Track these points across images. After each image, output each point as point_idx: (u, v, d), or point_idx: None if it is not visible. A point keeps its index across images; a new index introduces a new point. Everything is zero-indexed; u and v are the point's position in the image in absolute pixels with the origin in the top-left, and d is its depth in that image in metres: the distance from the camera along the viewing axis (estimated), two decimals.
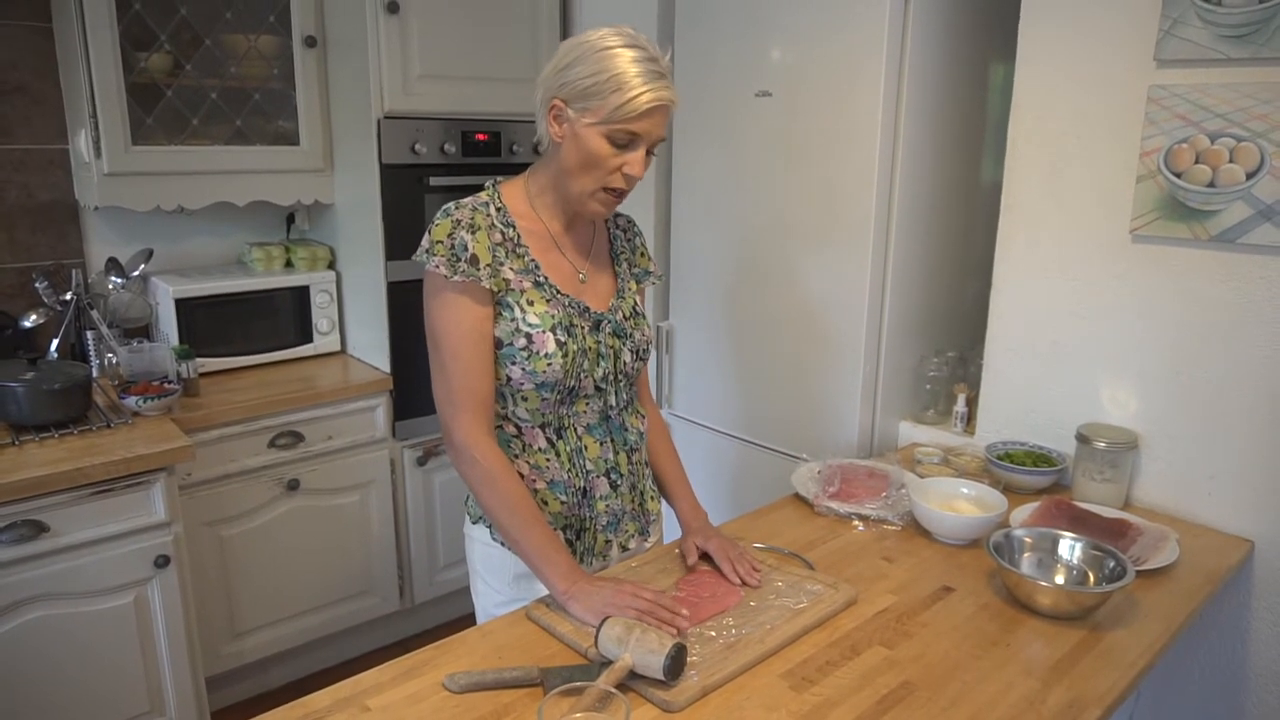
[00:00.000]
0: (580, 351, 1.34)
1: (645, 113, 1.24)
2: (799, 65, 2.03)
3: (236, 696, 2.46)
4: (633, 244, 1.51)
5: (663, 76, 1.25)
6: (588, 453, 1.40)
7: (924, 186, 2.03)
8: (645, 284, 1.52)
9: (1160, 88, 1.61)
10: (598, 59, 1.24)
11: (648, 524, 1.53)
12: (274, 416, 2.33)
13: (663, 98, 1.24)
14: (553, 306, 1.33)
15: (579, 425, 1.40)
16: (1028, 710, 1.13)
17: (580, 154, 1.27)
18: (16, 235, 2.40)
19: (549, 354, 1.31)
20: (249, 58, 2.48)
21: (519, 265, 1.33)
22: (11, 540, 1.82)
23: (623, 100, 1.22)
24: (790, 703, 1.13)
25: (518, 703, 1.11)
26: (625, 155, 1.27)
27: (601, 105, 1.23)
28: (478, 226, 1.30)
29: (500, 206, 1.35)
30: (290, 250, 2.72)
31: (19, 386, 1.98)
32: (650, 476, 1.55)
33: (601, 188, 1.30)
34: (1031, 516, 1.61)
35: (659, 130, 1.27)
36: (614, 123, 1.24)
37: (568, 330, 1.33)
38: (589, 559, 1.44)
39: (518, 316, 1.31)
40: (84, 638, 1.94)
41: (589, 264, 1.42)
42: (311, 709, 1.10)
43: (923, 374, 2.11)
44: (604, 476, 1.42)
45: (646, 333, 1.45)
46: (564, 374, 1.33)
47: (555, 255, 1.38)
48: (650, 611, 1.21)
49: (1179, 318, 1.66)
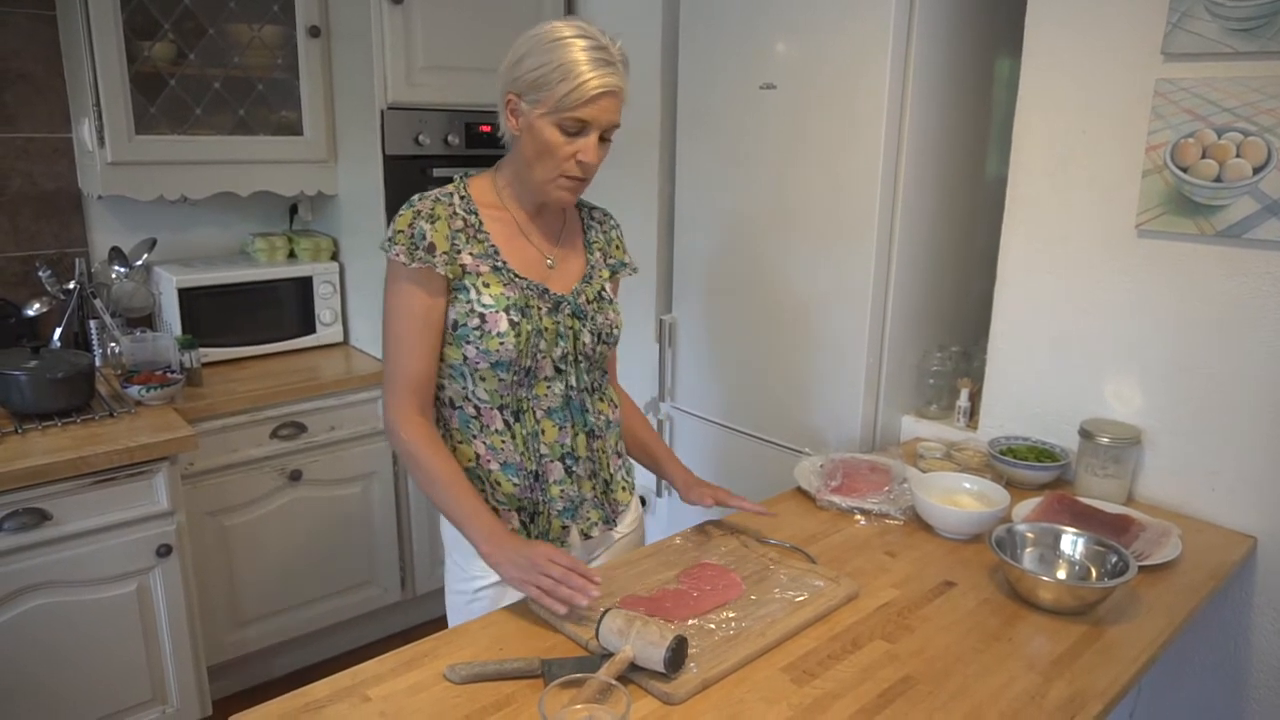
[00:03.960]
0: (536, 332, 1.37)
1: (592, 99, 1.27)
2: (804, 58, 2.02)
3: (239, 685, 2.47)
4: (608, 235, 1.54)
5: (610, 64, 1.28)
6: (544, 437, 1.42)
7: (929, 180, 2.02)
8: (621, 275, 1.55)
9: (1167, 81, 1.60)
10: (546, 50, 1.27)
11: (615, 514, 1.53)
12: (277, 407, 2.33)
13: (609, 84, 1.28)
14: (509, 289, 1.37)
15: (539, 409, 1.42)
16: (1029, 704, 1.13)
17: (535, 144, 1.31)
18: (20, 223, 2.40)
19: (501, 334, 1.34)
20: (252, 47, 2.47)
21: (478, 250, 1.37)
22: (14, 528, 1.82)
23: (570, 89, 1.26)
24: (791, 696, 1.13)
25: (519, 694, 1.11)
26: (578, 142, 1.30)
27: (550, 95, 1.27)
28: (437, 216, 1.35)
29: (465, 196, 1.39)
30: (293, 241, 2.72)
31: (22, 375, 1.98)
32: (624, 467, 1.56)
33: (560, 175, 1.33)
34: (1034, 512, 1.61)
35: (609, 116, 1.30)
36: (563, 111, 1.27)
37: (522, 311, 1.36)
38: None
39: (473, 298, 1.35)
40: (86, 626, 1.94)
41: (558, 250, 1.45)
42: (312, 699, 1.10)
43: (926, 368, 2.11)
44: (559, 461, 1.44)
45: (611, 317, 1.47)
46: (518, 354, 1.36)
47: (521, 242, 1.42)
48: (551, 590, 1.22)
49: (1184, 313, 1.65)
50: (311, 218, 2.85)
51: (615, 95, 1.30)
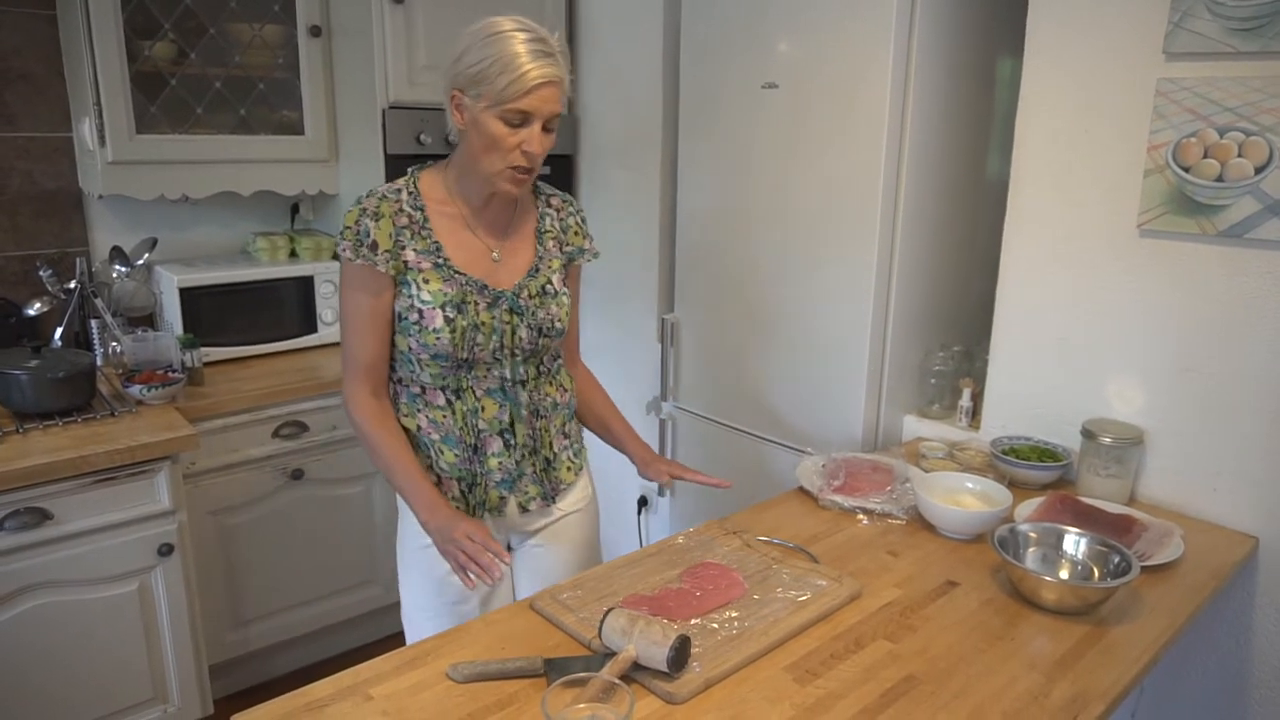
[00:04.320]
0: (472, 327, 1.42)
1: (532, 90, 1.30)
2: (805, 58, 2.02)
3: (240, 684, 2.47)
4: (564, 222, 1.56)
5: (548, 55, 1.31)
6: (484, 413, 1.48)
7: (931, 181, 2.02)
8: (580, 261, 1.58)
9: (1168, 81, 1.60)
10: (485, 44, 1.31)
11: (554, 490, 1.57)
12: (278, 406, 2.33)
13: (548, 74, 1.31)
14: (448, 285, 1.42)
15: (478, 389, 1.47)
16: (1031, 704, 1.13)
17: (481, 138, 1.35)
18: (20, 223, 2.39)
19: (436, 329, 1.40)
20: (253, 47, 2.47)
21: (421, 246, 1.42)
22: (15, 528, 1.82)
23: (509, 80, 1.29)
24: (794, 695, 1.13)
25: (521, 693, 1.11)
26: (521, 133, 1.33)
27: (491, 88, 1.30)
28: (381, 214, 1.40)
29: (414, 192, 1.44)
30: (295, 240, 2.72)
31: (23, 374, 1.98)
32: (571, 448, 1.60)
33: (506, 166, 1.36)
34: (1036, 512, 1.61)
35: (550, 106, 1.33)
36: (505, 103, 1.30)
37: (458, 307, 1.41)
38: (480, 511, 1.52)
39: (413, 294, 1.41)
40: (88, 625, 1.94)
41: (505, 243, 1.49)
42: (314, 698, 1.10)
43: (928, 368, 2.11)
44: (497, 436, 1.49)
45: (554, 310, 1.49)
46: (453, 347, 1.41)
47: (466, 236, 1.46)
48: (465, 565, 1.31)
49: (1186, 313, 1.65)
50: (313, 217, 2.84)
51: (555, 85, 1.33)
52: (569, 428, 1.61)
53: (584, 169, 2.83)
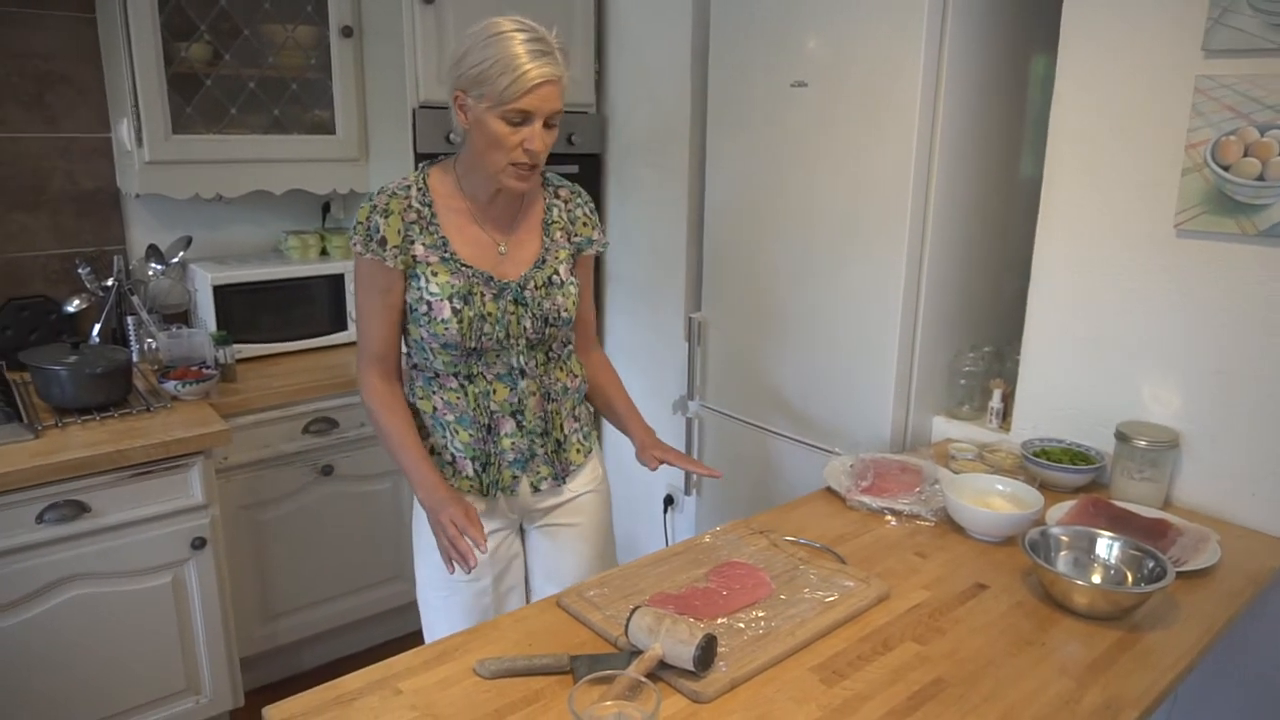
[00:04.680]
0: (479, 317, 1.47)
1: (532, 89, 1.34)
2: (835, 56, 2.01)
3: (270, 677, 2.50)
4: (572, 214, 1.59)
5: (547, 54, 1.35)
6: (495, 395, 1.53)
7: (962, 179, 2.00)
8: (589, 251, 1.61)
9: (1208, 78, 1.57)
10: (485, 46, 1.35)
11: (565, 471, 1.62)
12: (309, 403, 2.36)
13: (546, 74, 1.34)
14: (455, 277, 1.47)
15: (489, 374, 1.52)
16: (1062, 709, 1.11)
17: (484, 137, 1.39)
18: (61, 221, 2.44)
19: (444, 319, 1.46)
20: (287, 48, 2.50)
21: (429, 241, 1.47)
22: (55, 519, 1.86)
23: (510, 81, 1.33)
24: (820, 696, 1.13)
25: (548, 689, 1.12)
26: (523, 131, 1.37)
27: (492, 89, 1.34)
28: (390, 211, 1.46)
29: (423, 188, 1.49)
30: (325, 239, 2.75)
31: (62, 370, 2.02)
32: (581, 431, 1.65)
33: (509, 164, 1.40)
34: (1068, 515, 1.59)
35: (550, 104, 1.37)
36: (506, 103, 1.34)
37: (465, 299, 1.46)
38: (494, 490, 1.57)
39: (422, 286, 1.46)
40: (123, 616, 1.98)
41: (511, 235, 1.53)
42: (343, 691, 1.12)
43: (957, 369, 2.08)
44: (510, 417, 1.54)
45: (560, 301, 1.53)
46: (461, 337, 1.46)
47: (474, 230, 1.50)
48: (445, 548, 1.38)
49: (1224, 315, 1.62)
50: (344, 216, 2.87)
51: (554, 84, 1.36)
52: (579, 411, 1.65)
53: (612, 168, 2.84)
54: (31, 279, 2.42)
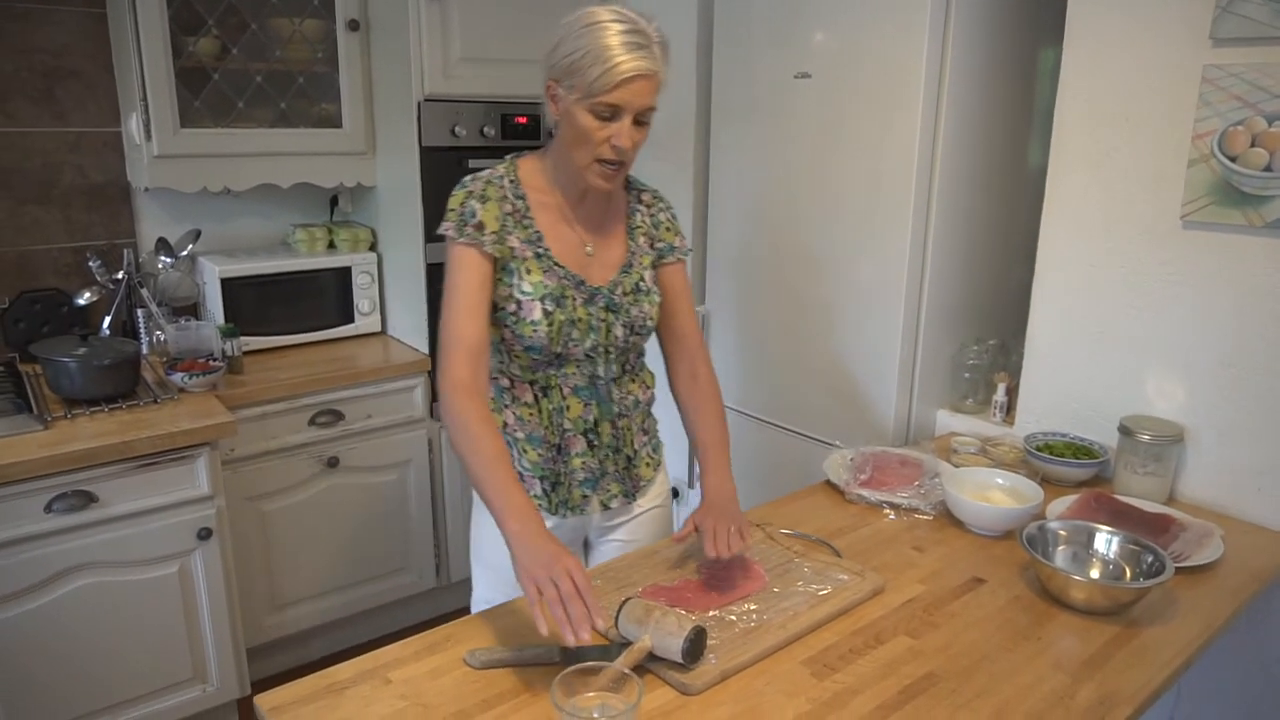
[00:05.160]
0: (569, 322, 1.40)
1: (622, 83, 1.27)
2: (839, 47, 1.99)
3: (276, 667, 2.52)
4: (655, 219, 1.53)
5: (643, 47, 1.27)
6: (569, 412, 1.46)
7: (967, 172, 1.98)
8: (670, 260, 1.53)
9: (1215, 67, 1.54)
10: (579, 35, 1.28)
11: (635, 488, 1.55)
12: (315, 395, 2.37)
13: (640, 68, 1.27)
14: (548, 277, 1.39)
15: (565, 386, 1.45)
16: (1056, 705, 1.10)
17: (572, 130, 1.32)
18: (72, 215, 2.47)
19: (534, 321, 1.38)
20: (293, 41, 2.51)
21: (524, 235, 1.40)
22: (63, 509, 1.88)
23: (600, 73, 1.26)
24: (810, 689, 1.12)
25: (537, 681, 1.12)
26: (610, 127, 1.30)
27: (583, 80, 1.27)
28: (488, 197, 1.39)
29: (514, 180, 1.42)
30: (333, 232, 2.76)
31: (71, 362, 2.04)
32: (650, 444, 1.59)
33: (595, 160, 1.33)
34: (1070, 509, 1.58)
35: (642, 99, 1.30)
36: (595, 96, 1.27)
37: (557, 301, 1.39)
38: (564, 510, 1.49)
39: (514, 284, 1.39)
40: (130, 606, 2.00)
41: (598, 237, 1.46)
42: (335, 680, 1.12)
43: (962, 362, 2.07)
44: (581, 435, 1.47)
45: (645, 309, 1.47)
46: (549, 341, 1.39)
47: (564, 228, 1.43)
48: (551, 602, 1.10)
49: (1231, 307, 1.60)
50: (351, 209, 2.89)
51: (648, 78, 1.29)
52: (648, 423, 1.58)
53: None
54: (43, 272, 2.45)
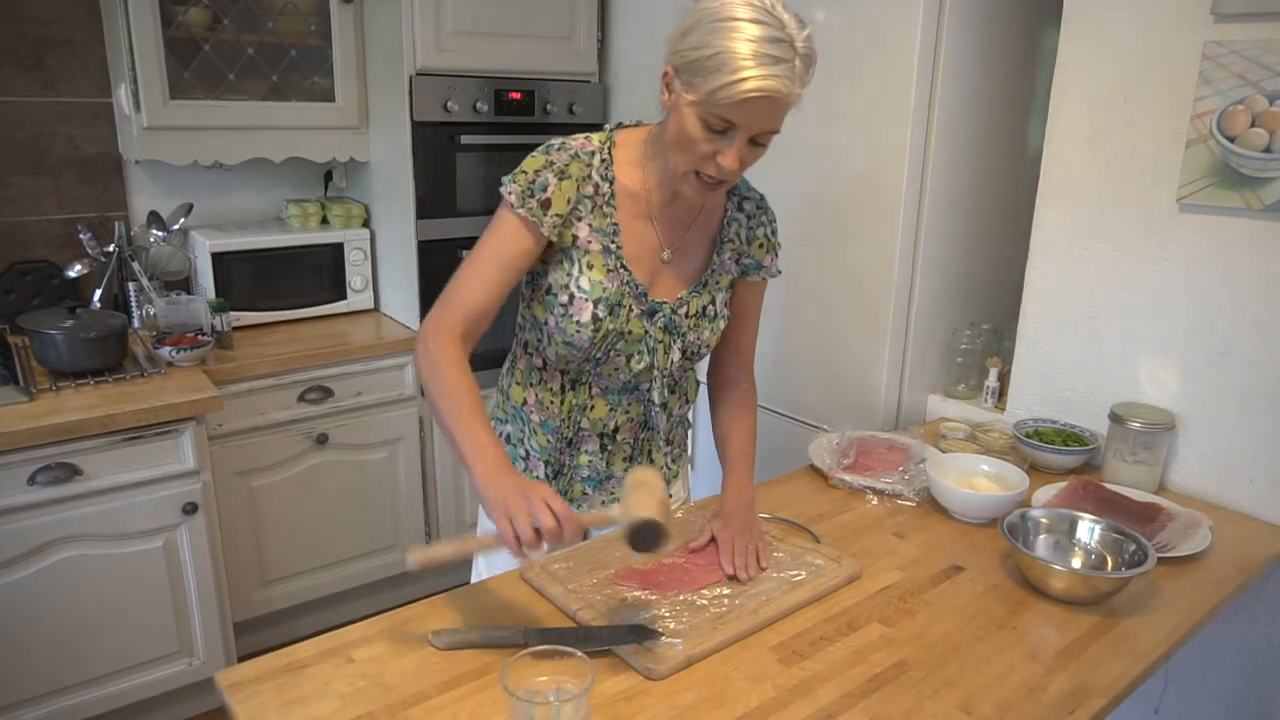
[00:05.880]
0: (617, 333, 1.29)
1: (744, 101, 1.09)
2: (833, 26, 1.95)
3: (266, 642, 2.53)
4: (751, 231, 1.39)
5: (781, 62, 1.08)
6: (591, 412, 1.38)
7: (963, 154, 1.93)
8: (754, 278, 1.41)
9: (1217, 44, 1.50)
10: (711, 29, 1.10)
11: None
12: (304, 371, 2.37)
13: (769, 88, 1.08)
14: (610, 279, 1.28)
15: (596, 385, 1.37)
16: (1026, 696, 1.08)
17: (678, 131, 1.17)
18: (63, 186, 2.45)
19: (581, 323, 1.28)
20: (286, 13, 2.48)
21: (598, 224, 1.28)
22: (46, 482, 1.88)
23: (721, 83, 1.09)
24: (778, 676, 1.10)
25: (500, 662, 1.10)
26: (719, 143, 1.15)
27: (703, 84, 1.11)
28: (568, 175, 1.25)
29: (606, 158, 1.28)
30: (326, 207, 2.74)
31: (58, 334, 2.03)
32: (671, 454, 1.49)
33: (694, 171, 1.19)
34: (1056, 497, 1.55)
35: (765, 122, 1.13)
36: (711, 105, 1.11)
37: (611, 308, 1.28)
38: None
39: (573, 274, 1.28)
40: (114, 579, 2.01)
41: (681, 243, 1.33)
42: (296, 658, 1.11)
43: (955, 346, 2.04)
44: (596, 437, 1.40)
45: (706, 336, 1.36)
46: (590, 345, 1.29)
47: (644, 224, 1.31)
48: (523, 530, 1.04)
49: (1227, 293, 1.56)
50: (345, 185, 2.86)
51: (776, 100, 1.10)
52: (675, 434, 1.49)
53: None
54: (34, 243, 2.44)
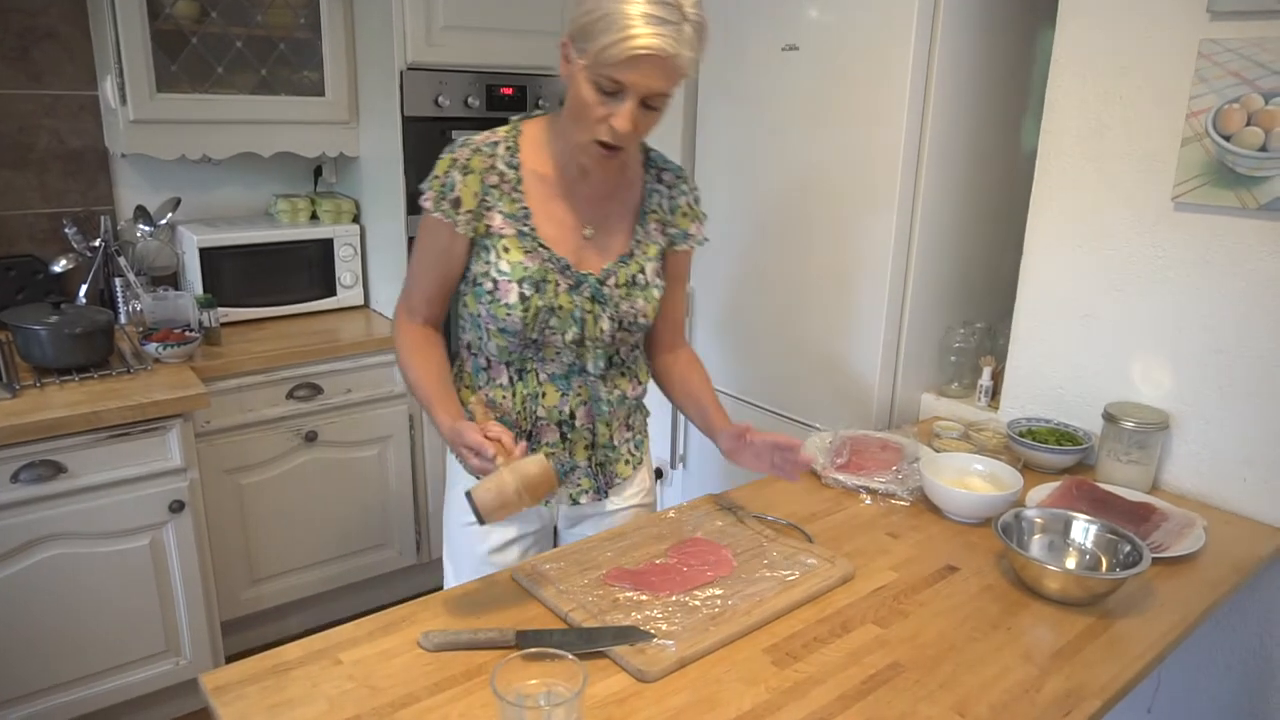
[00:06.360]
0: (547, 309, 1.30)
1: (631, 60, 1.12)
2: (827, 18, 1.93)
3: (255, 641, 2.50)
4: (674, 201, 1.41)
5: (669, 23, 1.12)
6: (544, 400, 1.38)
7: (958, 151, 1.92)
8: (682, 247, 1.43)
9: (1213, 42, 1.49)
10: None
11: (609, 485, 1.47)
12: (292, 368, 2.34)
13: (655, 46, 1.11)
14: (529, 259, 1.30)
15: (543, 372, 1.37)
16: (1021, 698, 1.07)
17: (574, 99, 1.20)
18: (48, 180, 2.42)
19: (509, 304, 1.29)
20: (275, 6, 2.45)
21: (509, 209, 1.30)
22: (30, 479, 1.85)
23: (609, 41, 1.12)
24: (771, 678, 1.09)
25: (490, 664, 1.09)
26: (611, 105, 1.17)
27: (593, 46, 1.14)
28: (471, 169, 1.29)
29: (512, 146, 1.31)
30: (315, 203, 2.71)
31: (42, 330, 2.01)
32: (633, 441, 1.51)
33: (590, 139, 1.21)
34: (1050, 497, 1.54)
35: (652, 82, 1.15)
36: (600, 67, 1.14)
37: (536, 285, 1.29)
38: None
39: (491, 261, 1.30)
40: (100, 577, 1.98)
41: (602, 218, 1.35)
42: (282, 660, 1.10)
43: (948, 345, 2.03)
44: (555, 426, 1.40)
45: (639, 305, 1.36)
46: (524, 326, 1.31)
47: (559, 205, 1.32)
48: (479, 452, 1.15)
49: (1222, 292, 1.56)
50: (335, 180, 2.84)
51: (664, 59, 1.13)
52: (634, 419, 1.50)
53: None
54: (18, 238, 2.41)
